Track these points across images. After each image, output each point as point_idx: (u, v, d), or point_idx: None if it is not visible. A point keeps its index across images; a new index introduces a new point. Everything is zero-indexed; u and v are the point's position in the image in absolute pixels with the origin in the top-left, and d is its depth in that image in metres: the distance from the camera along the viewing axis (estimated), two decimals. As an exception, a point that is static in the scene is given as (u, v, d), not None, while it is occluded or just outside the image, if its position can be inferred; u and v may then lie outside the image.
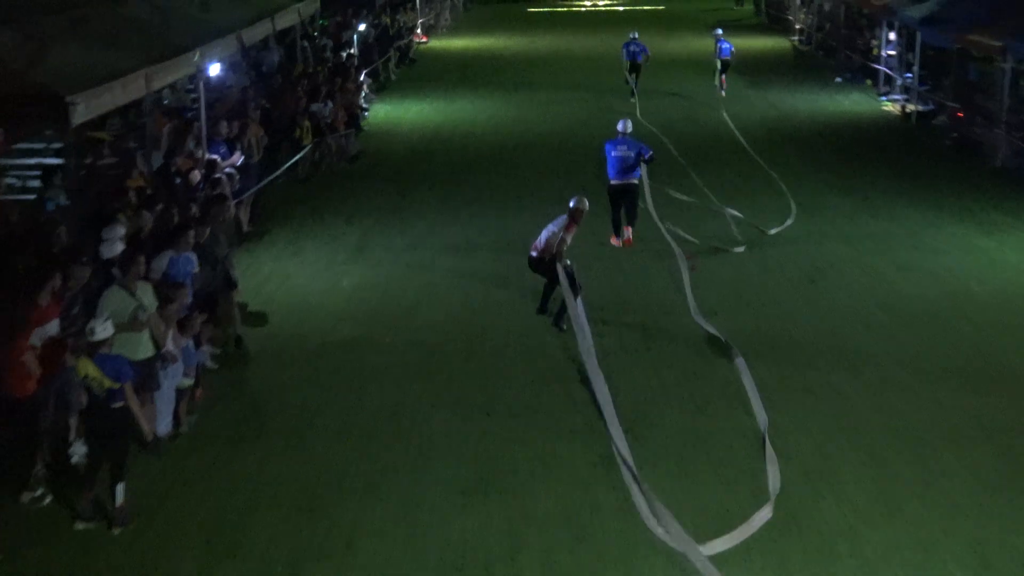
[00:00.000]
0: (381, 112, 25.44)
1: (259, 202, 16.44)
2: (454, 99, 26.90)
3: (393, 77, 29.73)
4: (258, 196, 16.27)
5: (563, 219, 12.24)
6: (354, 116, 21.53)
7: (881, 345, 11.85)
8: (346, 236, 15.91)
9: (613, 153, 14.61)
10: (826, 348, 11.79)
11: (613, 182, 14.66)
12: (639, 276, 14.05)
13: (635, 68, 26.89)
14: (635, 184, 14.57)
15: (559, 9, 50.36)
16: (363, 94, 24.97)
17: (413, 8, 38.03)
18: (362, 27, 28.14)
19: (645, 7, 51.34)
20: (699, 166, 19.55)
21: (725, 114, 24.30)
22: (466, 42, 38.57)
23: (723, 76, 27.53)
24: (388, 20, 32.23)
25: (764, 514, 8.42)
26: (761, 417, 9.97)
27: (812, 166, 19.89)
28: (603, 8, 51.76)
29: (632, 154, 14.48)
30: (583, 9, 51.39)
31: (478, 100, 26.75)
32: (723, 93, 26.74)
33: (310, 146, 18.74)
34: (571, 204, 12.31)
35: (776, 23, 41.21)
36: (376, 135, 22.95)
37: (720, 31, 29.71)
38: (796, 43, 36.48)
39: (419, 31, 37.56)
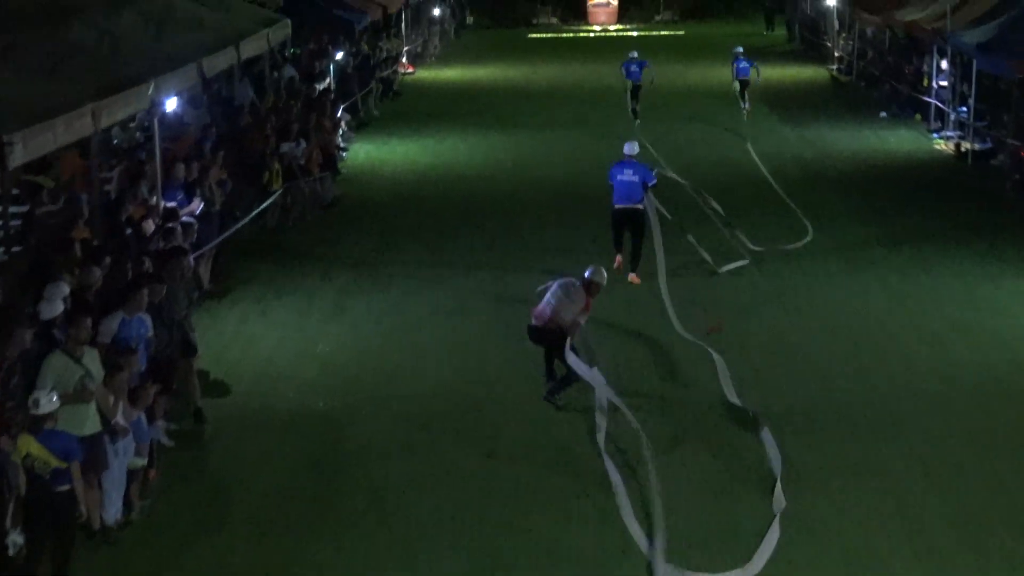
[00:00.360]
0: (361, 152, 25.77)
1: (222, 256, 16.63)
2: (445, 137, 27.25)
3: (375, 112, 30.13)
4: (221, 249, 16.47)
5: (568, 284, 12.29)
6: (331, 157, 21.83)
7: (935, 417, 11.97)
8: (321, 294, 16.10)
9: (619, 177, 16.19)
10: (872, 419, 11.92)
11: (617, 206, 16.17)
12: (656, 336, 14.20)
13: (635, 91, 29.45)
14: (640, 210, 16.02)
15: (564, 35, 51.00)
16: (341, 132, 25.30)
17: (398, 35, 38.63)
18: (340, 56, 28.58)
19: (663, 32, 52.12)
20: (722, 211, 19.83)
21: (750, 147, 24.69)
22: (458, 72, 39.10)
23: (745, 96, 29.75)
24: (369, 48, 32.72)
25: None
26: (779, 502, 10.02)
27: (855, 212, 20.14)
28: (614, 34, 52.52)
29: (637, 180, 16.00)
30: (591, 35, 52.12)
31: (472, 139, 27.11)
32: (746, 112, 29.28)
33: (280, 191, 18.98)
34: (586, 275, 12.34)
35: (812, 50, 41.84)
36: (356, 178, 23.23)
37: (740, 49, 31.67)
38: (835, 72, 37.03)
39: (404, 60, 38.11)
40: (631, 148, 16.51)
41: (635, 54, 30.15)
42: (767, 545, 9.33)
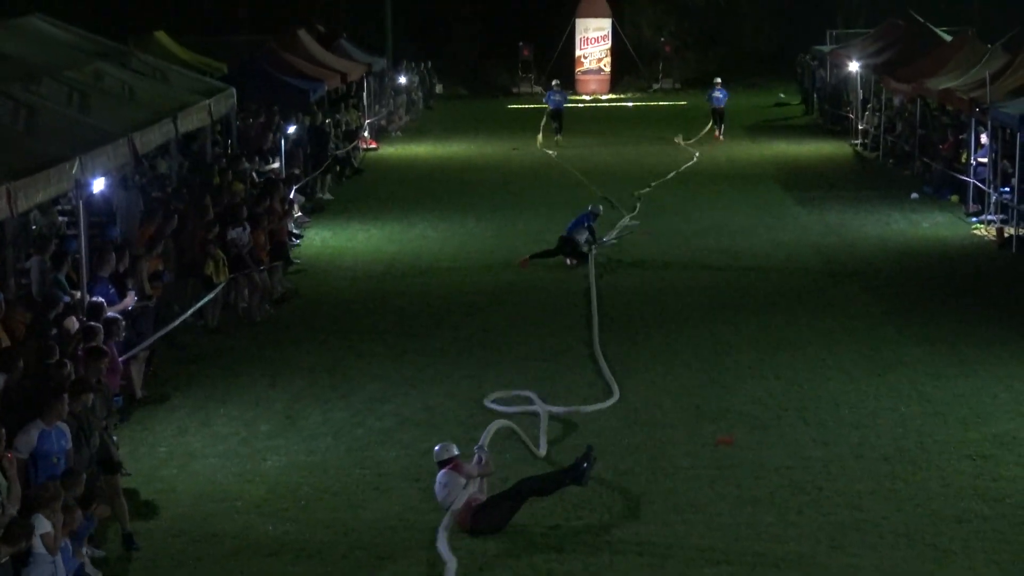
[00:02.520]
0: (317, 239, 25.98)
1: (156, 358, 16.69)
2: (413, 223, 27.51)
3: (328, 196, 30.38)
4: (155, 350, 16.53)
5: (439, 481, 12.56)
6: (281, 245, 22.01)
7: (981, 545, 12.00)
8: (270, 403, 16.15)
9: (567, 230, 23.41)
10: (909, 550, 11.93)
11: (565, 235, 23.48)
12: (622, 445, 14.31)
13: (557, 116, 40.65)
14: (574, 239, 23.31)
15: (548, 105, 51.62)
16: (294, 216, 25.54)
17: (359, 106, 39.15)
18: (292, 129, 28.92)
19: (662, 103, 52.92)
20: (729, 314, 20.08)
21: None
22: (428, 149, 39.60)
23: (720, 128, 37.26)
24: (326, 121, 33.14)
25: None
26: None
27: (884, 309, 20.36)
28: (607, 105, 53.31)
29: (587, 227, 23.53)
30: (580, 106, 52.85)
31: (444, 225, 27.37)
32: (720, 138, 38.33)
33: (223, 284, 19.07)
34: (440, 457, 12.63)
35: (834, 123, 42.47)
36: (311, 270, 23.40)
37: (718, 80, 39.54)
38: (859, 148, 37.55)
39: (367, 135, 38.57)
40: (595, 208, 24.35)
41: (557, 82, 42.73)
42: None
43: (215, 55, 36.75)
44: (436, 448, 12.78)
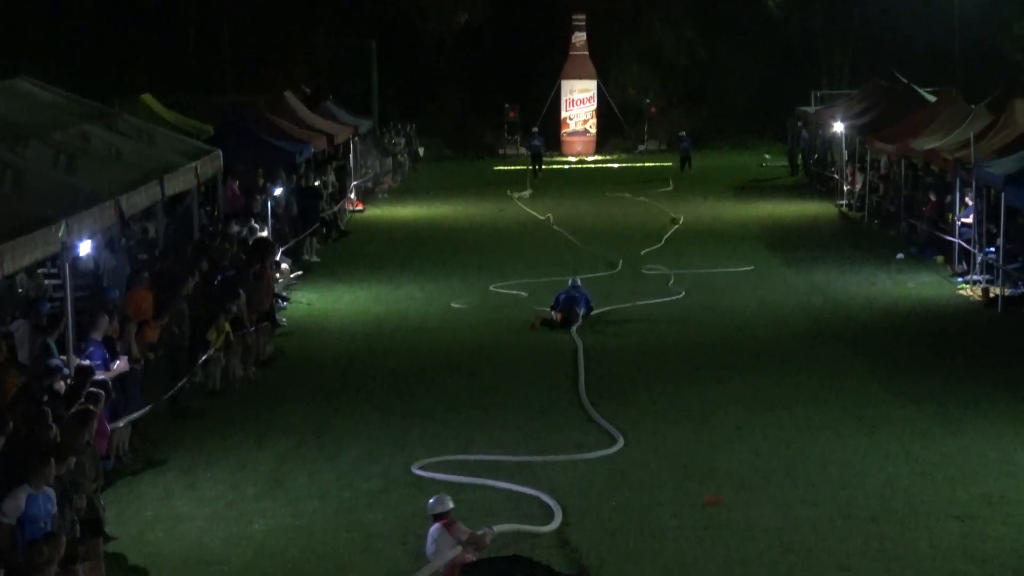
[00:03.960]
0: (304, 301, 26.06)
1: (143, 420, 16.70)
2: (400, 284, 27.62)
3: (315, 258, 30.47)
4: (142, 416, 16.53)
5: (429, 541, 12.46)
6: (268, 307, 22.07)
7: (970, 605, 12.07)
8: (257, 464, 16.16)
9: (564, 296, 23.81)
10: (897, 609, 11.98)
11: (552, 309, 23.70)
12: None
13: (537, 158, 47.63)
14: (578, 312, 23.44)
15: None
16: (280, 278, 25.66)
17: (345, 168, 39.36)
18: (278, 191, 29.06)
19: (647, 163, 53.30)
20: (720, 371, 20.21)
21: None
22: (415, 210, 39.80)
23: (687, 166, 46.11)
24: (312, 183, 33.31)
25: None
26: None
27: (871, 368, 20.47)
28: (592, 166, 53.68)
29: (578, 296, 23.76)
30: (566, 167, 53.21)
31: (430, 286, 27.48)
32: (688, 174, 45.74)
33: (211, 352, 19.04)
34: (433, 510, 12.55)
35: (819, 183, 42.81)
36: (297, 332, 23.47)
37: (683, 133, 48.44)
38: (844, 208, 37.85)
39: (353, 196, 38.76)
40: (575, 281, 24.49)
41: (536, 129, 48.84)
42: None
43: (201, 116, 37.04)
44: (431, 500, 12.72)
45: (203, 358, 18.75)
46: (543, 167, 49.31)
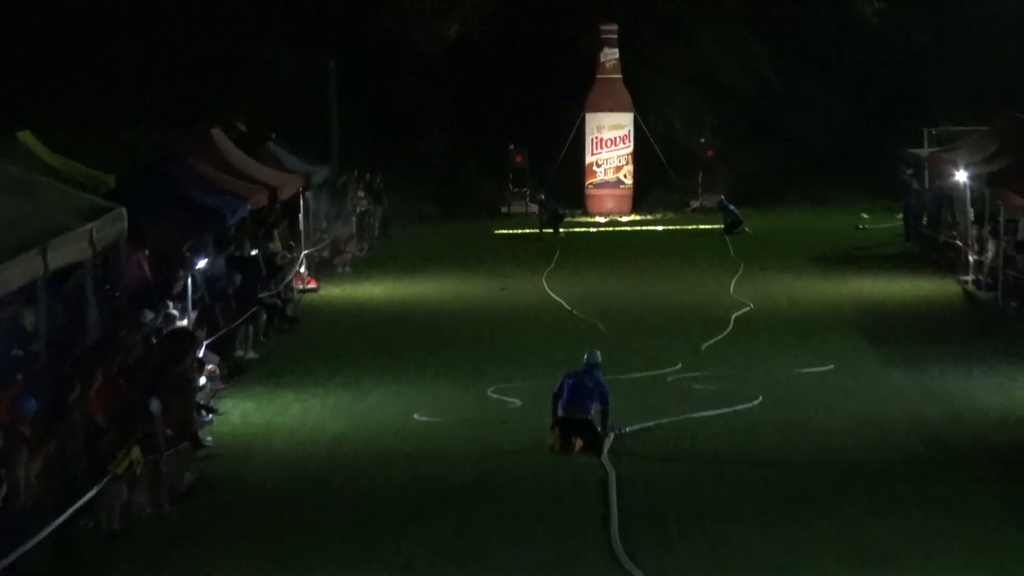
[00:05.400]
0: (236, 413, 25.94)
1: (21, 567, 16.59)
2: (366, 390, 27.50)
3: (251, 355, 30.45)
4: (20, 559, 16.43)
5: None
6: (188, 422, 22.02)
7: None
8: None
9: (570, 381, 23.50)
10: None
11: (563, 414, 23.24)
12: None
13: (558, 219, 50.11)
14: (587, 419, 23.08)
15: (547, 230, 51.90)
16: (206, 383, 25.55)
17: (293, 232, 39.41)
18: (203, 263, 29.03)
19: (702, 225, 53.42)
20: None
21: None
22: (388, 289, 39.92)
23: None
24: (249, 252, 33.32)
25: None
26: None
27: (1005, 505, 20.24)
28: (627, 229, 53.71)
29: (590, 386, 23.38)
30: (591, 230, 53.22)
31: (409, 392, 27.33)
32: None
33: (113, 477, 18.98)
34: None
35: (934, 252, 42.70)
36: (227, 454, 23.33)
37: (722, 197, 50.84)
38: (970, 286, 37.72)
39: (303, 270, 38.76)
40: (592, 356, 23.91)
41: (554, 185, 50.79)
42: None
43: (99, 162, 37.01)
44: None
45: (97, 488, 18.63)
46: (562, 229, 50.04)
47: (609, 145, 57.25)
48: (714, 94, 60.31)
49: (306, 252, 39.63)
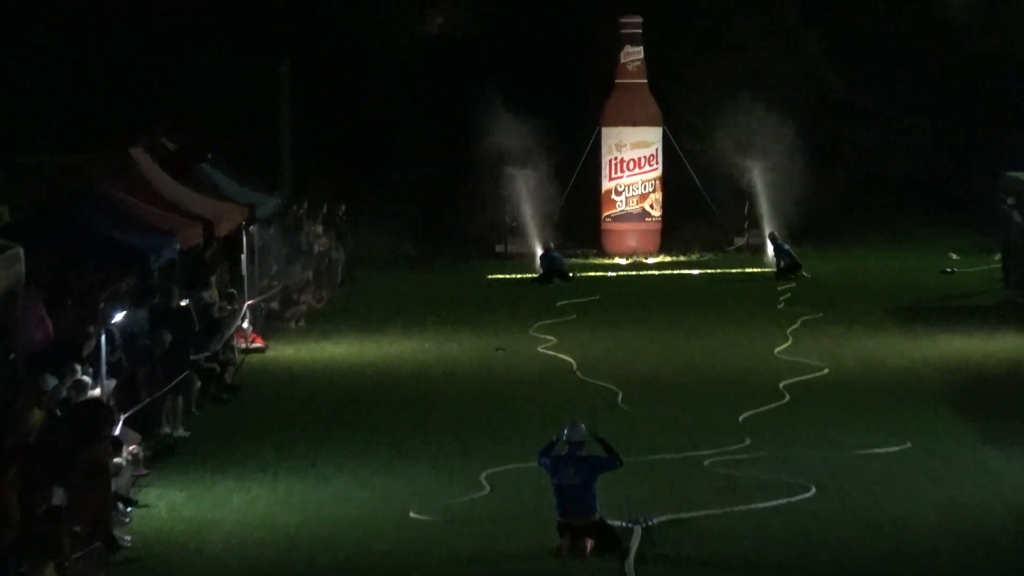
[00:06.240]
0: (162, 505, 25.83)
1: None
2: (326, 476, 27.40)
3: (181, 432, 30.38)
4: None
5: None
6: (102, 517, 21.94)
7: None
8: None
9: (555, 480, 22.63)
10: None
11: (561, 519, 22.63)
12: None
13: (560, 275, 51.57)
14: (596, 521, 22.44)
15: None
16: (125, 468, 25.47)
17: (233, 278, 39.40)
18: (120, 317, 29.00)
19: (748, 268, 53.47)
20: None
21: None
22: (351, 349, 40.01)
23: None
24: (179, 302, 33.26)
25: None
26: None
27: None
28: (655, 272, 53.74)
29: (579, 482, 22.38)
30: (611, 275, 53.26)
31: (379, 479, 27.23)
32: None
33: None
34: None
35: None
36: (150, 558, 23.25)
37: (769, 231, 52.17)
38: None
39: (247, 326, 38.71)
40: (573, 432, 22.76)
41: (552, 245, 53.75)
42: None
43: (-9, 190, 37.12)
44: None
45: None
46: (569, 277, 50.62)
47: (632, 167, 57.32)
48: (764, 105, 60.11)
49: (250, 303, 39.55)
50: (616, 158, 57.24)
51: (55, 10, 54.55)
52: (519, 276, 52.04)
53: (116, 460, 24.65)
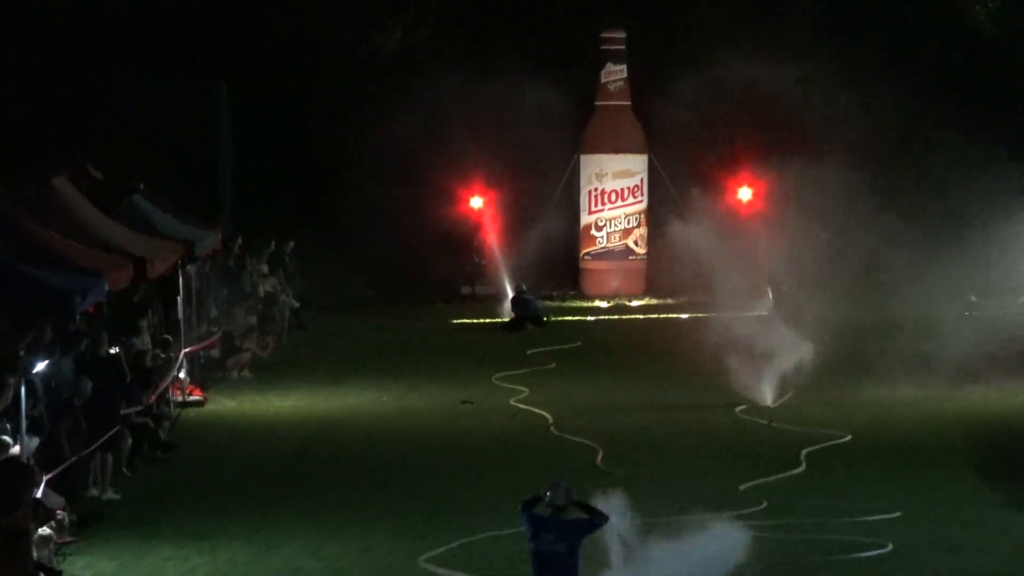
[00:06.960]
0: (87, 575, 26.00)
1: None
2: (272, 545, 27.38)
3: (111, 495, 30.40)
4: None
5: None
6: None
7: None
8: None
9: (533, 545, 21.52)
10: None
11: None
12: None
13: (534, 320, 52.46)
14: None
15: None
16: (47, 534, 25.51)
17: (168, 323, 39.41)
18: (42, 366, 29.06)
19: (747, 312, 53.57)
20: None
21: None
22: (301, 401, 40.18)
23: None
24: (107, 350, 33.29)
25: None
26: None
27: None
28: (639, 316, 53.86)
29: (563, 549, 21.33)
30: (590, 319, 53.41)
31: (331, 548, 27.15)
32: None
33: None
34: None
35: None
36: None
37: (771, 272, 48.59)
38: None
39: (183, 375, 38.74)
40: (556, 495, 21.51)
41: (524, 286, 53.49)
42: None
43: None
44: None
45: None
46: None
47: (614, 199, 57.42)
48: (762, 125, 60.13)
49: (187, 351, 39.65)
50: (597, 189, 57.41)
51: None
52: (488, 321, 52.20)
53: (39, 526, 24.76)
